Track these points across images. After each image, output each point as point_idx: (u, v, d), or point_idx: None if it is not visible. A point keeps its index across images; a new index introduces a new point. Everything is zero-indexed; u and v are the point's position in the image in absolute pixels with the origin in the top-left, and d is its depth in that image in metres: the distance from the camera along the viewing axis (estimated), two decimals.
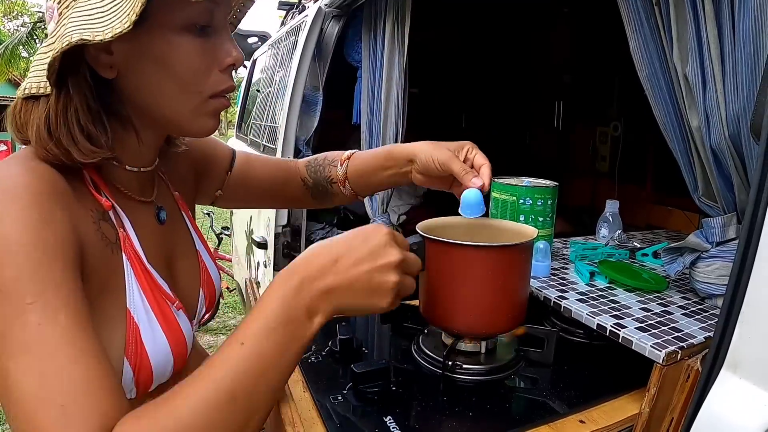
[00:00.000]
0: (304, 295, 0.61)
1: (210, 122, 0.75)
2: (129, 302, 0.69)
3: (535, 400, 1.01)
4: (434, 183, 1.04)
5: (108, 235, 0.69)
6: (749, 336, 0.63)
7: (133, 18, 0.58)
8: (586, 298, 1.19)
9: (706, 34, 1.00)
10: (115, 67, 0.67)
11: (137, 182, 0.79)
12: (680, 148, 1.16)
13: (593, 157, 3.28)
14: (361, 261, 0.63)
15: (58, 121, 0.64)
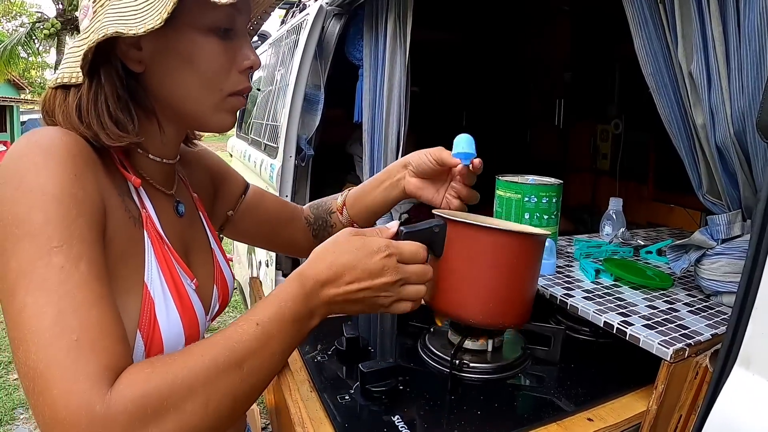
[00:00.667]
0: (312, 299, 0.69)
1: (228, 118, 0.81)
2: (147, 276, 0.71)
3: (542, 398, 1.02)
4: (427, 188, 1.04)
5: (131, 210, 0.73)
6: (762, 331, 0.63)
7: (164, 16, 0.64)
8: (592, 295, 1.19)
9: (711, 31, 1.00)
10: (143, 62, 0.73)
11: (160, 173, 0.83)
12: (685, 146, 1.16)
13: (594, 155, 3.28)
14: (361, 279, 0.71)
15: (89, 107, 0.69)
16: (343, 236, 0.74)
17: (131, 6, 0.67)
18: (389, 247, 0.73)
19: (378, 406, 0.97)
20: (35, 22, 19.02)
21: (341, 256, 0.71)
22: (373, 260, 0.71)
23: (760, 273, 0.61)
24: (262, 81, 3.51)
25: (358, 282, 0.71)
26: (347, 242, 0.73)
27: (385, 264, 0.72)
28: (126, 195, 0.73)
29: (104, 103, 0.70)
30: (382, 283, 0.72)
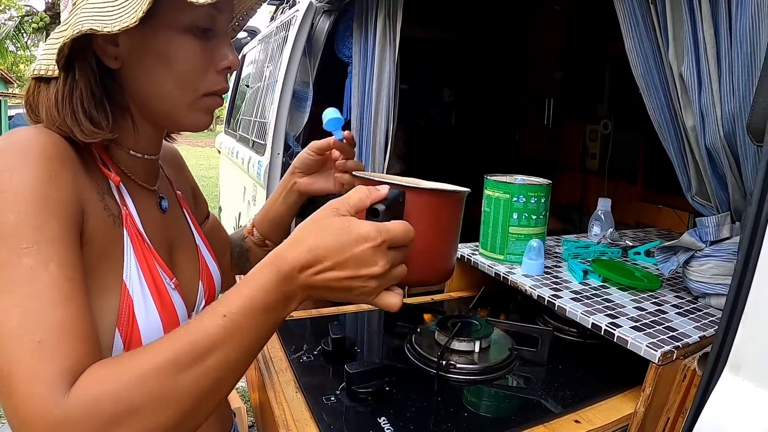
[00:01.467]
0: (287, 285, 0.62)
1: (204, 118, 0.80)
2: (125, 275, 0.71)
3: (529, 399, 1.01)
4: (317, 181, 1.09)
5: (111, 208, 0.72)
6: (752, 336, 0.62)
7: (140, 15, 0.63)
8: (580, 297, 1.19)
9: (702, 33, 1.00)
10: (120, 59, 0.72)
11: (142, 169, 0.82)
12: (674, 148, 1.16)
13: (583, 155, 3.29)
14: (344, 265, 0.62)
15: (64, 102, 0.69)
16: (324, 214, 0.64)
17: (109, 3, 0.66)
18: (380, 233, 0.62)
19: (364, 407, 0.96)
20: (24, 16, 18.81)
21: (323, 239, 0.62)
22: (361, 248, 0.61)
23: (750, 277, 0.60)
24: (251, 77, 3.48)
25: (342, 269, 0.62)
26: (329, 223, 0.63)
27: (375, 253, 0.62)
28: (106, 193, 0.72)
29: (78, 98, 0.69)
30: (370, 274, 0.63)
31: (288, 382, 1.04)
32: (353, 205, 0.65)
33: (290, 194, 1.10)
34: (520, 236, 1.39)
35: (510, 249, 1.40)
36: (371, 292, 0.65)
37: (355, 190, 0.67)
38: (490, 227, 1.43)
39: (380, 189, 0.67)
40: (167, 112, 0.77)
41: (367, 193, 0.66)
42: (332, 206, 0.64)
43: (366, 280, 0.63)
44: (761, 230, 0.59)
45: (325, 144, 1.04)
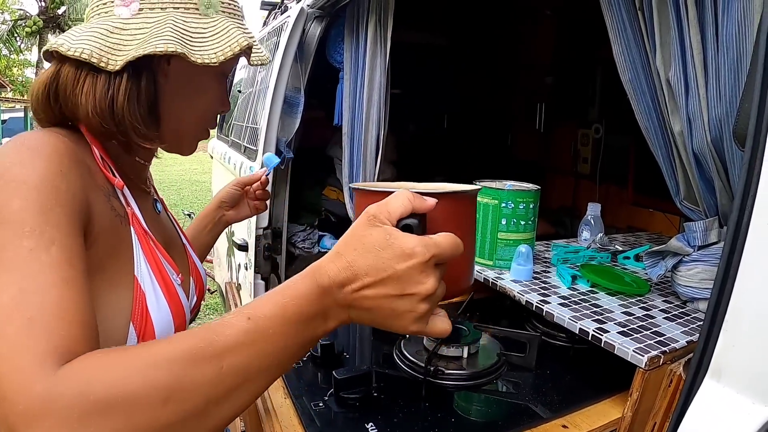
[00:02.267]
0: (326, 301, 0.56)
1: (195, 147, 0.90)
2: (136, 270, 0.73)
3: (517, 405, 1.01)
4: (240, 211, 1.26)
5: (117, 209, 0.74)
6: (733, 343, 0.62)
7: (221, 59, 0.75)
8: (568, 302, 1.19)
9: (689, 39, 1.00)
10: (169, 77, 0.79)
11: (140, 174, 0.88)
12: (662, 153, 1.17)
13: (575, 159, 3.30)
14: (385, 283, 0.55)
15: (125, 101, 0.73)
16: (362, 224, 0.58)
17: (189, 31, 0.75)
18: (428, 248, 0.55)
19: (352, 413, 0.96)
20: (17, 20, 18.77)
21: (361, 255, 0.56)
22: (406, 265, 0.54)
23: (731, 284, 0.60)
24: (243, 83, 3.48)
25: (383, 287, 0.55)
26: (368, 235, 0.56)
27: (423, 270, 0.55)
28: (112, 195, 0.74)
29: (142, 101, 0.75)
30: (419, 294, 0.55)
31: (277, 388, 1.04)
32: (392, 212, 0.58)
33: (218, 225, 1.23)
34: (508, 242, 1.39)
35: (499, 254, 1.41)
36: (422, 317, 0.57)
37: (396, 196, 0.60)
38: (479, 233, 1.43)
39: (427, 200, 0.61)
40: (180, 135, 0.85)
41: (411, 199, 0.59)
42: (369, 213, 0.58)
43: (415, 301, 0.56)
44: (742, 237, 0.59)
45: (249, 179, 1.22)
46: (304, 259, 2.81)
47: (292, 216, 2.59)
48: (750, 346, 0.61)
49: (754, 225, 0.59)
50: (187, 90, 0.82)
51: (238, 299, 3.25)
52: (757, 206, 0.59)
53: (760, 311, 0.59)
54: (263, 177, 1.22)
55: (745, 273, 0.60)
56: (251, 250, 2.41)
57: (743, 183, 0.60)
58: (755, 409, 0.61)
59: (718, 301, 0.62)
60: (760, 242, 0.58)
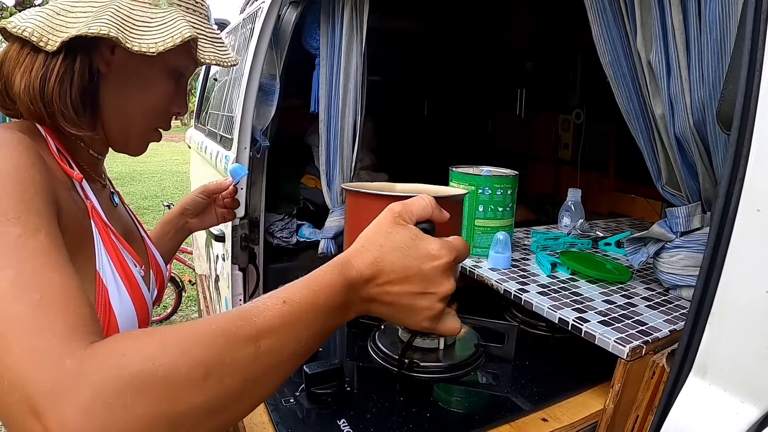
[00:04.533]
0: (350, 294, 0.58)
1: (144, 147, 0.88)
2: (98, 264, 0.72)
3: (496, 397, 0.98)
4: (205, 220, 1.23)
5: (78, 203, 0.73)
6: (719, 339, 0.59)
7: (161, 49, 0.71)
8: (547, 290, 1.16)
9: (671, 19, 0.97)
10: (111, 66, 0.77)
11: (96, 167, 0.86)
12: (643, 137, 1.14)
13: (556, 145, 3.28)
14: (410, 281, 0.59)
15: (55, 86, 0.71)
16: (386, 221, 0.61)
17: (132, 18, 0.73)
18: (449, 251, 0.60)
19: (324, 409, 0.93)
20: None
21: (388, 252, 0.59)
22: (430, 265, 0.59)
23: (717, 275, 0.57)
24: (219, 71, 3.40)
25: (406, 284, 0.59)
26: (394, 233, 0.60)
27: (445, 272, 0.60)
28: (71, 189, 0.73)
29: (69, 88, 0.72)
30: (439, 293, 0.60)
31: None
32: (416, 212, 0.62)
33: (180, 233, 1.20)
34: (486, 229, 1.36)
35: (476, 242, 1.37)
36: (437, 315, 0.61)
37: (418, 198, 0.63)
38: None
39: (444, 212, 0.64)
40: (122, 131, 0.83)
41: (433, 207, 0.63)
42: (394, 211, 0.61)
43: (434, 300, 0.60)
44: (728, 226, 0.56)
45: (216, 188, 1.20)
46: (283, 250, 2.76)
47: (270, 205, 2.53)
48: (738, 341, 0.58)
49: (741, 212, 0.55)
50: (131, 83, 0.79)
51: (207, 292, 3.21)
52: (745, 192, 0.55)
53: (748, 304, 0.56)
54: (230, 187, 1.20)
55: (732, 263, 0.57)
56: (228, 241, 2.35)
57: (729, 168, 0.57)
58: (744, 408, 0.58)
59: (703, 294, 0.59)
60: (748, 231, 0.55)
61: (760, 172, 0.55)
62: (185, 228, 1.20)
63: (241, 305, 0.54)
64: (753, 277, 0.55)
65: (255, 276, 2.40)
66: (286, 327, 0.52)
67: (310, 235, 2.79)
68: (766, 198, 0.53)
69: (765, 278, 0.53)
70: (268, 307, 0.52)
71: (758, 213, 0.52)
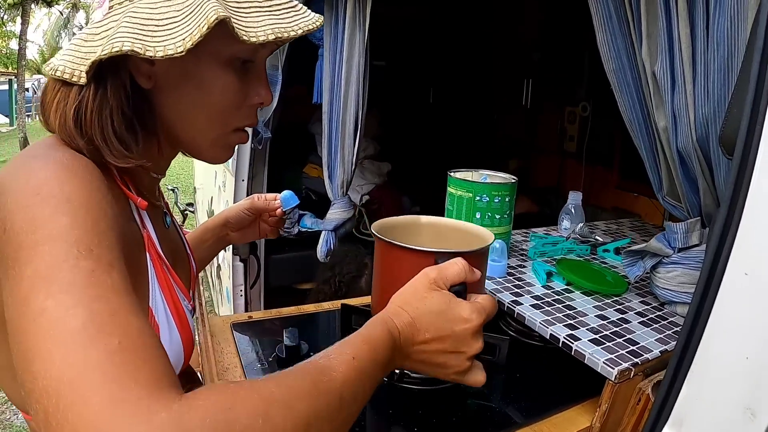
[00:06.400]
0: (394, 351, 0.63)
1: (226, 153, 0.78)
2: (151, 301, 0.69)
3: (484, 412, 0.97)
4: (247, 234, 1.20)
5: (134, 234, 0.70)
6: (698, 395, 0.58)
7: (188, 45, 0.58)
8: (541, 303, 1.15)
9: (677, 32, 0.95)
10: (153, 79, 0.67)
11: (155, 187, 0.82)
12: (646, 147, 1.12)
13: (561, 137, 3.25)
14: (443, 341, 0.66)
15: (93, 118, 0.63)
16: (421, 286, 0.69)
17: (154, 19, 0.61)
18: (480, 314, 0.68)
19: None
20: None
21: (424, 314, 0.66)
22: (462, 328, 0.66)
23: (700, 334, 0.56)
24: None
25: (440, 344, 0.66)
26: (429, 297, 0.67)
27: (475, 334, 0.68)
28: (131, 219, 0.70)
29: (109, 116, 0.64)
30: (469, 353, 0.68)
31: None
32: (450, 279, 0.69)
33: (219, 243, 1.17)
34: None
35: None
36: (466, 370, 0.69)
37: (452, 263, 0.71)
38: None
39: (476, 272, 0.72)
40: (192, 142, 0.75)
41: (467, 271, 0.71)
42: (430, 277, 0.69)
43: (463, 358, 0.67)
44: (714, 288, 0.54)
45: (264, 207, 1.16)
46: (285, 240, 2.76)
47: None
48: (714, 398, 0.57)
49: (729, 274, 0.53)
50: (184, 90, 0.69)
51: (210, 279, 3.20)
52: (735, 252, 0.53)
53: (730, 364, 0.55)
54: (279, 211, 1.18)
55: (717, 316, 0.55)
56: None
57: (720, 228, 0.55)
58: None
59: (684, 349, 0.58)
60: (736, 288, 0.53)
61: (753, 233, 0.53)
62: (225, 239, 1.18)
63: (312, 358, 0.55)
64: (737, 339, 0.54)
65: (256, 267, 2.41)
66: (361, 378, 0.56)
67: (312, 225, 2.78)
68: (755, 262, 0.51)
69: (748, 341, 0.52)
70: (342, 362, 0.55)
71: (746, 276, 0.51)
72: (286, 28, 0.66)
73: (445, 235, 1.09)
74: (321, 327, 1.28)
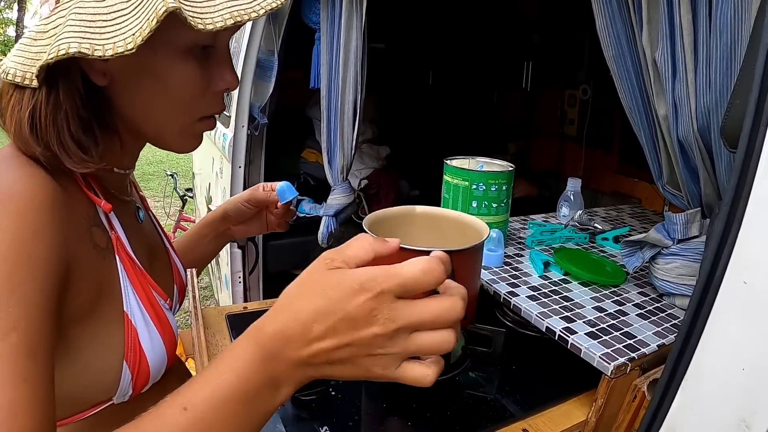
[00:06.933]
0: (268, 367, 0.48)
1: (194, 142, 0.75)
2: (126, 306, 0.68)
3: (478, 406, 0.96)
4: (251, 228, 1.11)
5: (99, 241, 0.67)
6: (690, 405, 0.56)
7: (138, 41, 0.54)
8: (537, 294, 1.13)
9: (679, 18, 0.92)
10: (109, 75, 0.64)
11: (123, 183, 0.79)
12: (645, 135, 1.10)
13: (561, 120, 3.23)
14: (337, 330, 0.46)
15: (47, 123, 0.60)
16: (313, 269, 0.50)
17: (101, 14, 0.56)
18: (378, 280, 0.46)
19: (308, 414, 0.92)
20: None
21: (311, 301, 0.47)
22: (354, 303, 0.45)
23: (695, 343, 0.54)
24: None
25: (335, 336, 0.46)
26: (319, 279, 0.48)
27: (373, 307, 0.45)
28: (94, 224, 0.67)
29: (64, 120, 0.60)
30: (371, 336, 0.46)
31: None
32: (352, 254, 0.49)
33: (221, 238, 1.10)
34: None
35: None
36: (387, 363, 0.48)
37: (356, 238, 0.51)
38: None
39: (389, 241, 0.51)
40: (156, 135, 0.72)
41: (371, 242, 0.50)
42: (325, 258, 0.49)
43: (370, 345, 0.46)
44: (711, 295, 0.52)
45: (265, 199, 1.05)
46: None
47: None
48: (706, 409, 0.55)
49: (727, 281, 0.51)
50: (142, 85, 0.65)
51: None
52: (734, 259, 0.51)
53: (724, 376, 0.53)
54: (280, 205, 1.05)
55: (711, 335, 0.53)
56: None
57: (728, 205, 0.53)
58: None
59: (679, 357, 0.56)
60: (733, 297, 0.52)
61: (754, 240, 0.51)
62: (227, 234, 1.10)
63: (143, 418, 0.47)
64: (733, 349, 0.52)
65: (254, 253, 2.40)
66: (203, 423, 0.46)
67: (310, 210, 2.77)
68: (754, 270, 0.49)
69: (744, 352, 0.51)
70: (166, 421, 0.46)
71: (745, 285, 0.49)
72: (246, 10, 0.60)
73: (440, 226, 1.08)
74: None
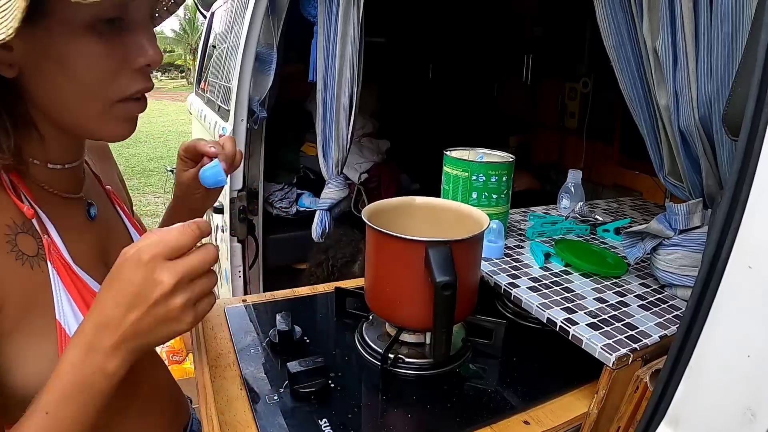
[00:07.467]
0: (93, 357, 0.56)
1: (122, 127, 0.69)
2: (58, 314, 0.65)
3: (479, 398, 0.96)
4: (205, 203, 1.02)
5: (27, 249, 0.64)
6: (695, 393, 0.56)
7: (16, 25, 0.50)
8: (538, 285, 1.13)
9: (680, 6, 0.91)
10: (16, 66, 0.60)
11: (64, 179, 0.73)
12: (646, 125, 1.09)
13: (562, 113, 3.22)
14: (133, 306, 0.55)
15: None
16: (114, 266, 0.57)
17: None
18: (145, 249, 0.55)
19: (307, 407, 0.91)
20: None
21: (108, 292, 0.56)
22: (137, 276, 0.55)
23: (698, 331, 0.54)
24: (218, 37, 3.32)
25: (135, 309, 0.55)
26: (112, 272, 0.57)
27: (150, 273, 0.54)
28: (20, 232, 0.64)
29: None
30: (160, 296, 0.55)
31: (234, 377, 0.98)
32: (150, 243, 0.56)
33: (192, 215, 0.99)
34: None
35: None
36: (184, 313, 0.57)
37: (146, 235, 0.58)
38: None
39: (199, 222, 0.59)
40: (77, 124, 0.66)
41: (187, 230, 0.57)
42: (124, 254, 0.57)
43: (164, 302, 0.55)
44: (715, 282, 0.52)
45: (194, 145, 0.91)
46: (283, 220, 2.75)
47: (269, 175, 2.52)
48: (711, 396, 0.55)
49: (731, 267, 0.50)
50: (47, 68, 0.60)
51: None
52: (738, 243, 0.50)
53: (729, 363, 0.53)
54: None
55: (716, 320, 0.53)
56: (227, 213, 2.34)
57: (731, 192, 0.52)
58: None
59: (682, 346, 0.55)
60: (738, 282, 0.51)
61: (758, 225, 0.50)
62: (196, 211, 1.02)
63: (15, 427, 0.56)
64: (737, 336, 0.51)
65: (254, 247, 2.40)
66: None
67: (310, 204, 2.77)
68: (759, 254, 0.49)
69: (750, 339, 0.50)
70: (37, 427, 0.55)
71: (750, 270, 0.49)
72: None
73: (439, 217, 1.07)
74: (315, 310, 1.26)
